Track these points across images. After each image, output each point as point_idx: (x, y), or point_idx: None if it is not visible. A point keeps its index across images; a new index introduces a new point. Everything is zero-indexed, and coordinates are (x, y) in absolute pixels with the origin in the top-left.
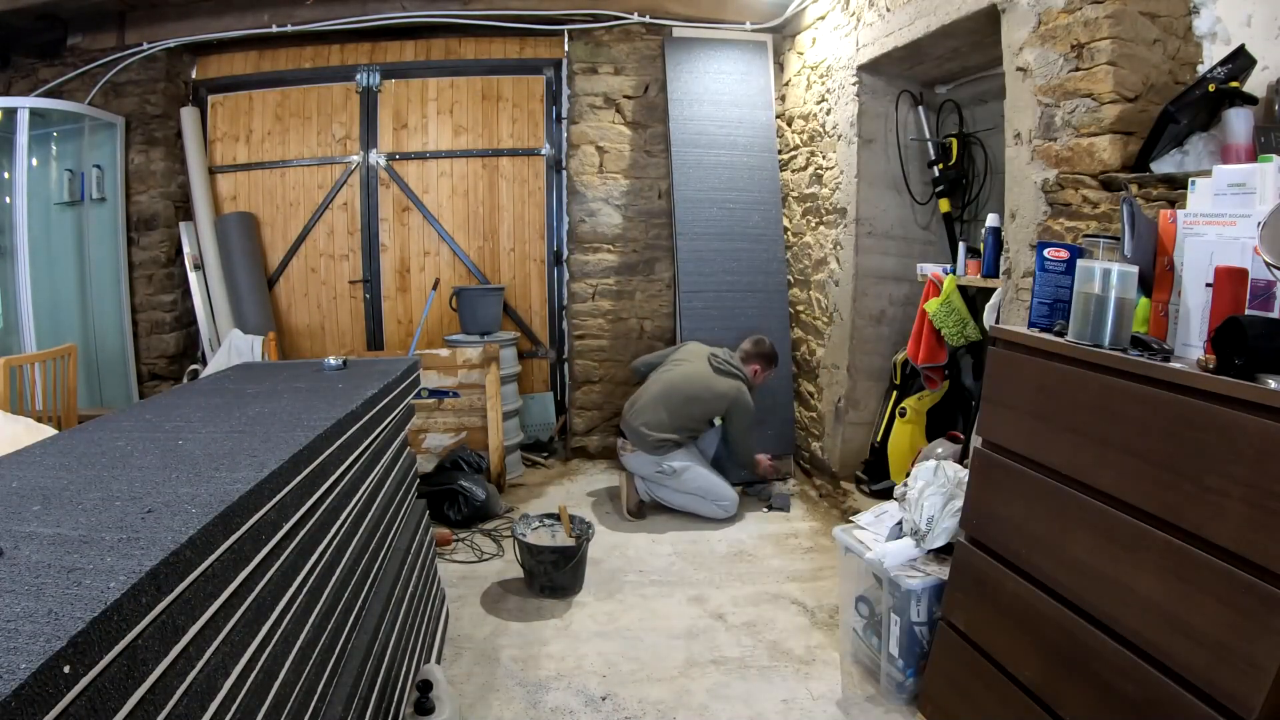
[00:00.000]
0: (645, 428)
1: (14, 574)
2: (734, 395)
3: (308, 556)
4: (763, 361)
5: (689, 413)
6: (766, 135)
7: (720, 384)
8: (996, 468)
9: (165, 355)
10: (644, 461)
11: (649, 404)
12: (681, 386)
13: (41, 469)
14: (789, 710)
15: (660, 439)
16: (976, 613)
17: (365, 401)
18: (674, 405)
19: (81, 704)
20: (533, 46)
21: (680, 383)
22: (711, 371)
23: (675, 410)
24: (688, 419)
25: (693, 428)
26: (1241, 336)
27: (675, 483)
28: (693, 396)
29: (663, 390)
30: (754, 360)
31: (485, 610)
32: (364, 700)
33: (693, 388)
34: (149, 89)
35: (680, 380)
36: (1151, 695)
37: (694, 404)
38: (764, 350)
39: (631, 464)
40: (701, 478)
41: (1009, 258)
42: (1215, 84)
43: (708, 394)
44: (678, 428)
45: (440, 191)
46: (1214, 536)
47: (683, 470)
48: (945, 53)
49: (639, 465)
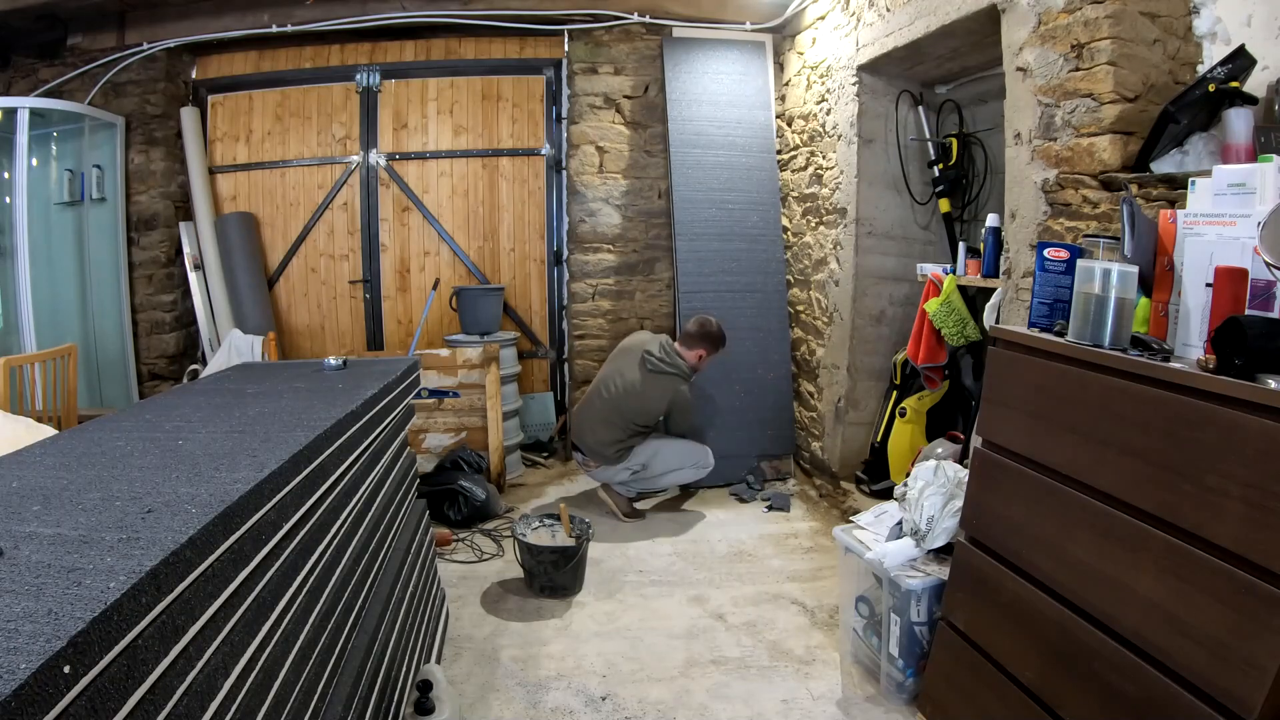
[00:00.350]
0: (599, 444)
1: (14, 574)
2: (671, 396)
3: (308, 556)
4: (709, 345)
5: (634, 421)
6: (765, 135)
7: (657, 388)
8: (996, 468)
9: (165, 355)
10: (612, 472)
11: (595, 422)
12: (621, 400)
13: (41, 469)
14: (789, 710)
15: (617, 450)
16: (976, 613)
17: (365, 401)
18: (619, 419)
19: (81, 704)
20: (533, 46)
21: (620, 397)
22: (644, 376)
23: (621, 423)
24: (634, 425)
25: (642, 430)
26: (1241, 336)
27: (649, 472)
28: (632, 409)
29: (606, 406)
30: (698, 344)
31: (485, 610)
32: (364, 700)
33: (631, 400)
34: (149, 89)
35: (620, 394)
36: (1151, 695)
37: (636, 415)
38: (710, 332)
39: (601, 476)
40: (671, 453)
41: (1009, 258)
42: (1215, 84)
43: (647, 402)
44: (629, 435)
45: (440, 191)
46: (1214, 536)
47: (651, 459)
48: (945, 53)
49: (610, 475)
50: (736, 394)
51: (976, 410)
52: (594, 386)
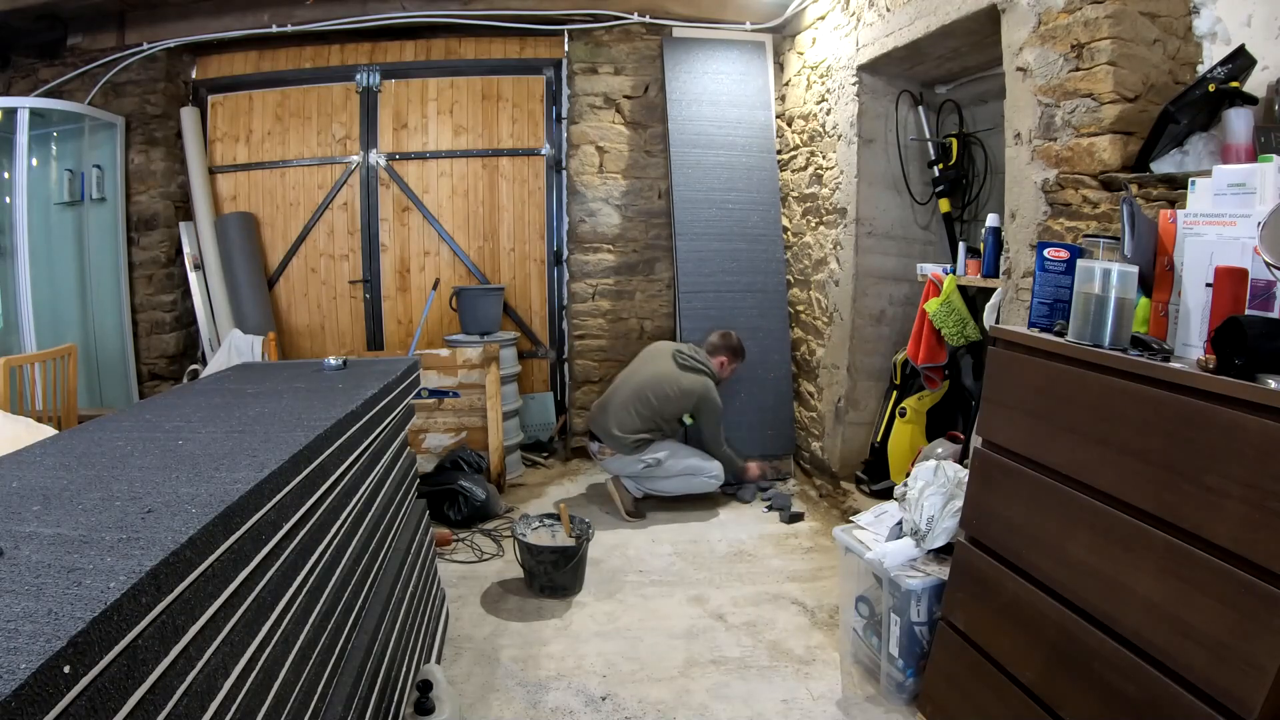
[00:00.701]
0: (619, 430)
1: (14, 574)
2: (701, 391)
3: (308, 556)
4: (730, 354)
5: (660, 412)
6: (765, 135)
7: (687, 381)
8: (996, 468)
9: (165, 355)
10: (625, 462)
11: (620, 407)
12: (650, 388)
13: (41, 469)
14: (789, 710)
15: (636, 439)
16: (976, 613)
17: (365, 401)
18: (644, 407)
19: (81, 704)
20: (533, 46)
21: (648, 384)
22: (677, 369)
23: (646, 412)
24: (659, 418)
25: (664, 427)
26: (1241, 336)
27: (662, 471)
28: (662, 396)
29: (632, 393)
30: (721, 352)
31: (485, 610)
32: (364, 700)
33: (661, 388)
34: (149, 89)
35: (648, 382)
36: (1151, 695)
37: (664, 403)
38: (731, 344)
39: (613, 467)
40: (686, 458)
41: (1009, 258)
42: (1215, 84)
43: (676, 391)
44: (652, 428)
45: (440, 191)
46: (1214, 536)
47: (667, 458)
48: (945, 53)
49: (621, 467)
50: (736, 394)
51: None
52: (619, 378)
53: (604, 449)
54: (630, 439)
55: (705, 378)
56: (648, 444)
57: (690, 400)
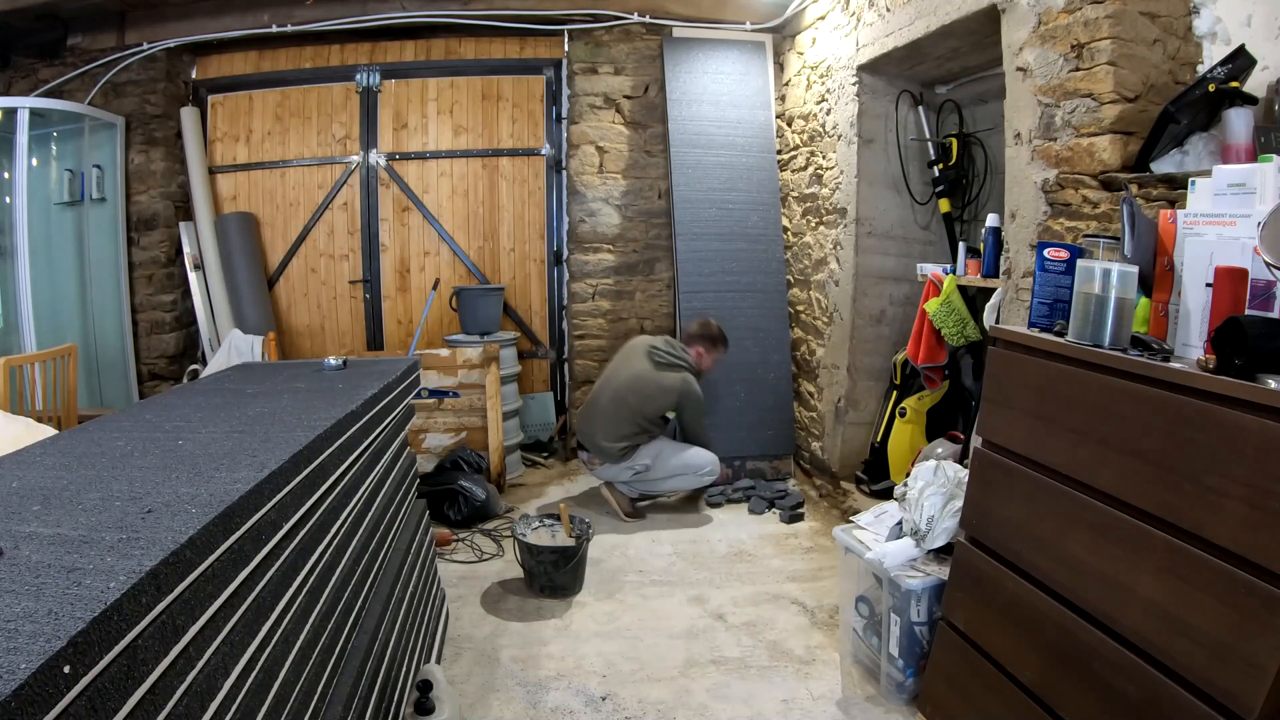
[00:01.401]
0: (605, 440)
1: (14, 574)
2: (681, 388)
3: (308, 556)
4: (707, 343)
5: (641, 412)
6: (765, 135)
7: (665, 378)
8: (996, 468)
9: (165, 355)
10: (615, 470)
11: (602, 416)
12: (628, 392)
13: (41, 469)
14: (789, 710)
15: (622, 447)
16: (976, 613)
17: (365, 401)
18: (626, 412)
19: (81, 704)
20: (533, 46)
21: (627, 386)
22: (653, 368)
23: (628, 417)
24: (641, 419)
25: (649, 428)
26: (1241, 336)
27: (653, 474)
28: (642, 396)
29: (612, 399)
30: (697, 342)
31: (485, 610)
32: (364, 700)
33: (639, 390)
34: (149, 89)
35: (627, 384)
36: (1151, 695)
37: (645, 403)
38: (710, 333)
39: (605, 475)
40: (676, 458)
41: (1009, 258)
42: (1215, 84)
43: (655, 390)
44: (635, 431)
45: (440, 191)
46: (1214, 536)
47: (654, 460)
48: (945, 53)
49: (613, 475)
50: (736, 394)
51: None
52: (599, 384)
53: (592, 459)
54: (617, 447)
55: (683, 372)
56: (635, 449)
57: (670, 397)
